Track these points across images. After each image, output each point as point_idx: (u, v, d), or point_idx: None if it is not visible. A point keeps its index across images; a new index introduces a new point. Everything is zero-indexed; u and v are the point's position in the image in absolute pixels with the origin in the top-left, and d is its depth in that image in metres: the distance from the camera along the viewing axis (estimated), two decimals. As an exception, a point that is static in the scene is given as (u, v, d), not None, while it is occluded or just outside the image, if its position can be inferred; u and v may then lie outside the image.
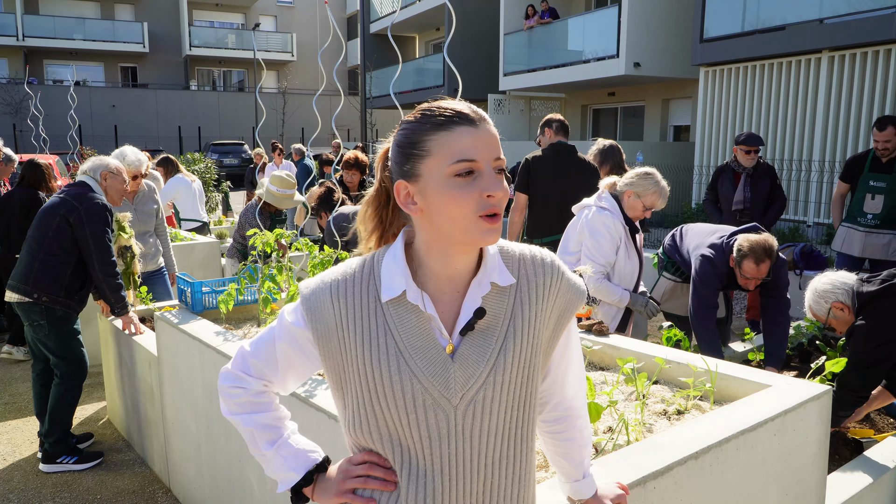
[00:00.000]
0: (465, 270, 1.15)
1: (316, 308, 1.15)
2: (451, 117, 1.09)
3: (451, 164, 1.06)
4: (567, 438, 1.34)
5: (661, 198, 3.56)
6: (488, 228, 1.07)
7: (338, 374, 1.17)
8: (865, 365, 2.81)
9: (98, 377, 4.98)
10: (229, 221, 9.73)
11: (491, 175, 1.07)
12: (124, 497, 3.48)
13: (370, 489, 1.17)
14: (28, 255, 3.64)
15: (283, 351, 1.22)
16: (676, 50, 13.69)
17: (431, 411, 1.10)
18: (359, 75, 20.54)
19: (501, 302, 1.16)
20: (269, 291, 3.01)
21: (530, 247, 1.23)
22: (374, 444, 1.16)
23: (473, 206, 1.06)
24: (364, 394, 1.13)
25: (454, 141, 1.07)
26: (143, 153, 4.79)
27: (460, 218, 1.07)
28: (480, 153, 1.07)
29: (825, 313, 3.03)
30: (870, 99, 9.51)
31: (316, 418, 2.08)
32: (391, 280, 1.13)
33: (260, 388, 1.27)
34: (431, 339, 1.12)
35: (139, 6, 32.59)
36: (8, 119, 26.18)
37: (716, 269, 3.56)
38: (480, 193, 1.06)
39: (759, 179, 5.25)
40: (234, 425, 1.30)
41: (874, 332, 2.82)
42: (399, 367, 1.10)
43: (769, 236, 3.45)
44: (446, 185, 1.07)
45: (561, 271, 1.21)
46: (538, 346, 1.17)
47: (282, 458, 1.27)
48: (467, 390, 1.11)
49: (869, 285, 2.94)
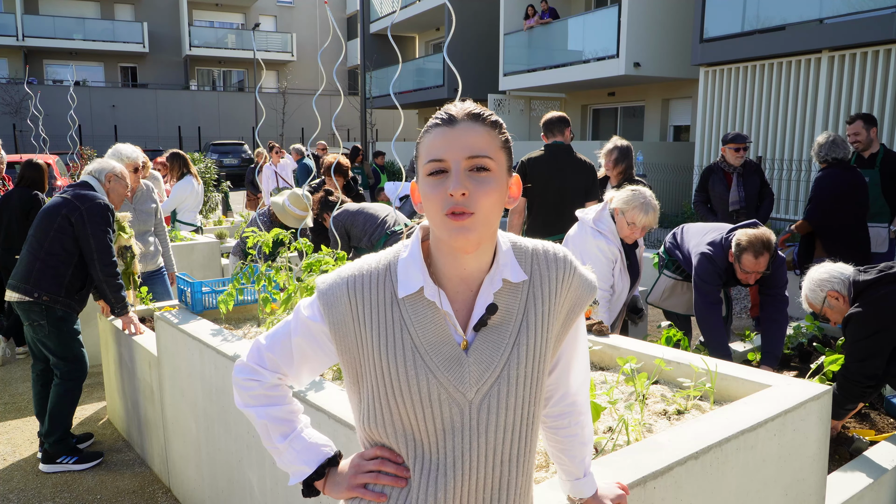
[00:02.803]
0: (477, 270, 1.16)
1: (333, 303, 1.16)
2: (438, 119, 1.13)
3: (425, 164, 1.11)
4: (570, 434, 1.34)
5: (644, 213, 3.49)
6: (454, 226, 1.07)
7: (354, 368, 1.18)
8: (863, 356, 2.83)
9: (98, 377, 4.98)
10: (229, 221, 9.73)
11: (456, 174, 1.08)
12: (124, 497, 3.48)
13: (381, 484, 1.18)
14: (29, 255, 3.64)
15: (299, 345, 1.23)
16: (676, 50, 13.70)
17: (446, 406, 1.12)
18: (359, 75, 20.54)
19: (514, 298, 1.17)
20: (268, 291, 3.00)
21: (543, 242, 1.23)
22: (387, 438, 1.17)
23: (440, 205, 1.08)
24: (380, 388, 1.14)
25: (430, 142, 1.11)
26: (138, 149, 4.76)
27: (432, 217, 1.10)
28: (449, 152, 1.09)
29: (820, 302, 3.06)
30: (870, 99, 9.51)
31: (316, 418, 2.08)
32: (408, 276, 1.15)
33: (275, 382, 1.28)
34: (446, 334, 1.14)
35: (139, 6, 32.59)
36: (8, 119, 26.18)
37: (715, 266, 3.59)
38: (445, 192, 1.08)
39: (749, 177, 5.33)
40: (248, 417, 1.32)
41: (870, 320, 2.84)
42: (415, 363, 1.12)
43: (767, 230, 3.49)
44: (424, 184, 1.11)
45: (574, 266, 1.22)
46: (549, 341, 1.19)
47: (294, 451, 1.28)
48: (482, 385, 1.13)
49: (865, 275, 2.97)
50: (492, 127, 1.12)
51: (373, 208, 4.71)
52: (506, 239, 1.20)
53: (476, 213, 1.07)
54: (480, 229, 1.08)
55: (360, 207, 4.71)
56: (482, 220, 1.08)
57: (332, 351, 1.21)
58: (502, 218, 1.24)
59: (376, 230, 4.55)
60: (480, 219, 1.08)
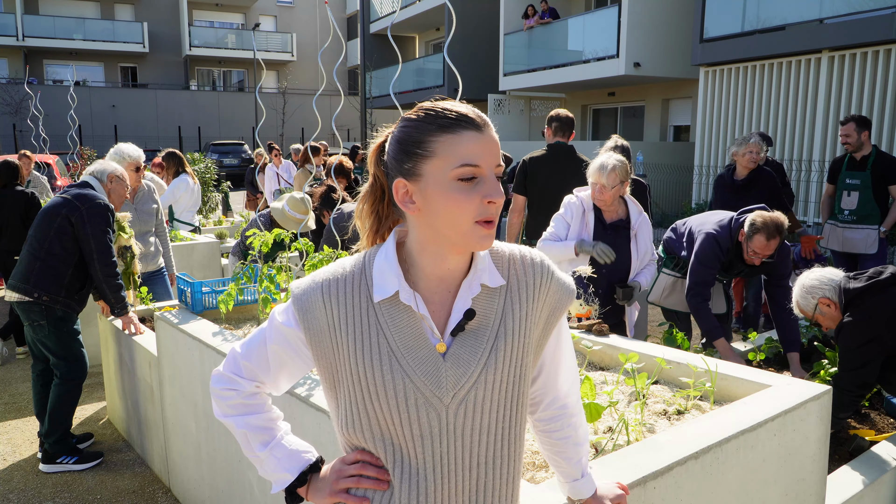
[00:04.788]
0: (457, 271, 1.16)
1: (308, 308, 1.15)
2: (458, 120, 1.09)
3: (456, 167, 1.07)
4: (563, 437, 1.34)
5: (599, 171, 3.47)
6: (485, 234, 1.08)
7: (330, 373, 1.17)
8: (857, 365, 2.83)
9: (98, 377, 4.98)
10: (229, 222, 9.73)
11: (493, 181, 1.08)
12: (124, 497, 3.48)
13: (363, 488, 1.17)
14: (29, 255, 3.64)
15: (275, 352, 1.22)
16: (676, 50, 13.69)
17: (423, 410, 1.11)
18: (359, 75, 20.54)
19: (492, 303, 1.16)
20: (268, 291, 3.00)
21: (520, 247, 1.24)
22: (366, 443, 1.16)
23: (474, 212, 1.07)
24: (357, 393, 1.13)
25: (460, 145, 1.07)
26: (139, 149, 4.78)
27: (460, 222, 1.08)
28: (485, 159, 1.08)
29: (812, 309, 3.06)
30: (870, 99, 9.51)
31: (315, 418, 2.08)
32: (383, 280, 1.14)
33: (252, 390, 1.27)
34: (423, 338, 1.13)
35: (139, 6, 32.59)
36: (8, 119, 26.19)
37: (718, 247, 3.64)
38: (482, 199, 1.07)
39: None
40: (228, 427, 1.31)
41: (861, 330, 2.84)
42: (391, 367, 1.11)
43: (781, 214, 3.52)
44: (449, 187, 1.07)
45: (551, 271, 1.22)
46: (529, 346, 1.18)
47: (275, 458, 1.28)
48: (459, 389, 1.12)
49: (855, 282, 2.96)
50: None
51: None
52: None
53: (495, 221, 1.10)
54: None
55: None
56: (495, 226, 1.11)
57: (309, 357, 1.20)
58: (502, 218, 1.24)
59: None
60: (495, 225, 1.11)
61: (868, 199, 5.31)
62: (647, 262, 3.68)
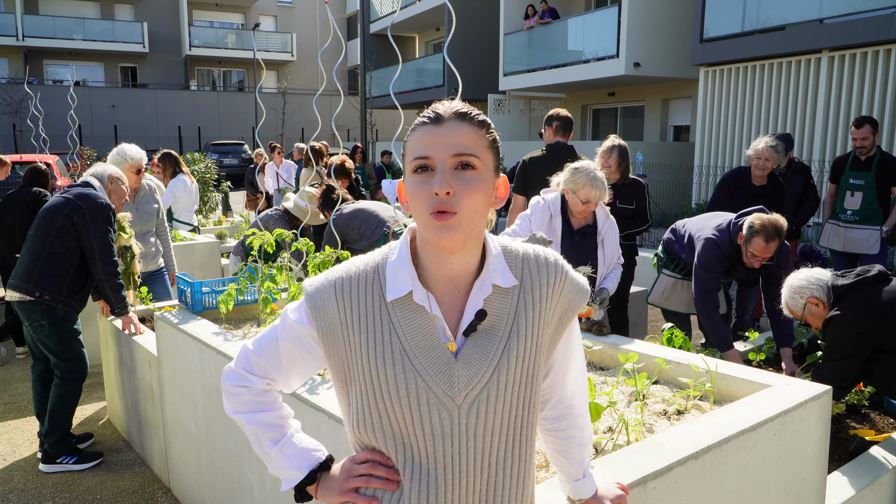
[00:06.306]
0: (464, 271, 1.15)
1: (321, 306, 1.15)
2: (425, 118, 1.12)
3: (411, 161, 1.10)
4: (567, 437, 1.34)
5: (595, 188, 3.31)
6: (438, 225, 1.07)
7: (342, 372, 1.17)
8: (839, 356, 2.86)
9: (98, 377, 4.98)
10: (229, 222, 9.73)
11: (442, 172, 1.07)
12: (124, 497, 3.48)
13: (373, 488, 1.17)
14: (30, 254, 3.64)
15: (287, 349, 1.22)
16: (676, 50, 13.70)
17: (435, 410, 1.11)
18: (359, 75, 20.54)
19: (504, 303, 1.16)
20: (268, 291, 3.01)
21: (534, 246, 1.23)
22: (377, 442, 1.16)
23: (426, 203, 1.07)
24: (368, 392, 1.13)
25: (416, 139, 1.11)
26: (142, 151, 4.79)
27: (418, 215, 1.10)
28: (435, 150, 1.08)
29: (801, 309, 3.07)
30: (870, 99, 9.51)
31: (316, 418, 2.08)
32: (396, 280, 1.14)
33: (263, 387, 1.27)
34: (435, 338, 1.13)
35: (139, 6, 32.59)
36: (8, 119, 26.17)
37: (719, 252, 3.63)
38: (431, 190, 1.07)
39: (793, 179, 5.49)
40: (238, 424, 1.31)
41: (847, 324, 2.86)
42: (404, 366, 1.11)
43: (780, 217, 3.51)
44: (409, 181, 1.11)
45: (565, 271, 1.21)
46: (541, 346, 1.18)
47: (285, 456, 1.27)
48: (471, 389, 1.12)
49: (843, 279, 2.98)
50: (479, 126, 1.11)
51: (371, 209, 4.70)
52: (496, 243, 1.20)
53: (460, 213, 1.07)
54: (465, 228, 1.08)
55: (358, 209, 4.69)
56: (466, 219, 1.08)
57: (321, 355, 1.20)
58: (501, 218, 1.24)
59: (374, 231, 4.55)
60: (465, 218, 1.07)
61: (872, 200, 5.34)
62: (612, 267, 3.58)
